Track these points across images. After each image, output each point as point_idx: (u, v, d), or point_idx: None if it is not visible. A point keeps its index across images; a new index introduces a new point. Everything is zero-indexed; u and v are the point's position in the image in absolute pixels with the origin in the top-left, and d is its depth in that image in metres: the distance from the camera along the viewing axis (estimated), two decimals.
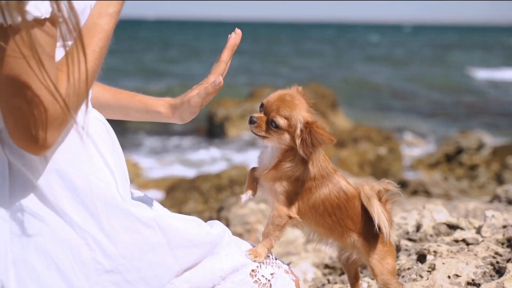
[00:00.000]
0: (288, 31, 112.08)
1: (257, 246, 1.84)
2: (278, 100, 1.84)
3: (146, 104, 1.89)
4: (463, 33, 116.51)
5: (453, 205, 4.33)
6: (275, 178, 1.86)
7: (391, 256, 1.99)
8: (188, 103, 1.81)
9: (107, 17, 1.48)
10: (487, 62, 43.39)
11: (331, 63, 40.41)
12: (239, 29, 1.84)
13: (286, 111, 1.81)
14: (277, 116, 1.80)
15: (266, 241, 1.87)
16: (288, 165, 1.84)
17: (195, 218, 1.74)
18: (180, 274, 1.61)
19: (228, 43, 1.82)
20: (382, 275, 1.98)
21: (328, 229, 1.95)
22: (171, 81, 28.31)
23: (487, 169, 11.44)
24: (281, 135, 1.81)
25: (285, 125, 1.80)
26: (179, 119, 1.85)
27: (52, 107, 1.33)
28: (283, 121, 1.80)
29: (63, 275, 1.46)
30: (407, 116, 21.66)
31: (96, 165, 1.54)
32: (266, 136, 1.84)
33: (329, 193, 1.88)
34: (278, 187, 1.86)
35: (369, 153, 11.81)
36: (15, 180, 1.46)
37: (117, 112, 1.88)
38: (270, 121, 1.81)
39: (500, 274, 2.34)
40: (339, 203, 1.89)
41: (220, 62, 1.80)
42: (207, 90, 1.77)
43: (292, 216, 1.87)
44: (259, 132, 1.84)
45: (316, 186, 1.87)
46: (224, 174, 9.08)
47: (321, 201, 1.88)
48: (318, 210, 1.89)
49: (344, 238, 1.97)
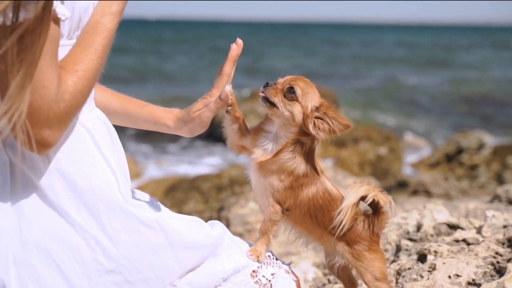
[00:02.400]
0: (288, 31, 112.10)
1: (255, 245, 1.84)
2: (296, 77, 1.86)
3: (154, 116, 1.90)
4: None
5: (453, 205, 4.33)
6: (272, 170, 1.84)
7: (380, 261, 1.96)
8: (200, 119, 1.82)
9: (110, 15, 1.48)
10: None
11: (330, 63, 40.36)
12: (240, 37, 1.84)
13: (303, 84, 1.82)
14: (295, 84, 1.81)
15: (265, 238, 1.87)
16: (287, 156, 1.83)
17: (196, 218, 1.74)
18: (183, 276, 1.61)
19: (229, 55, 1.82)
20: (372, 282, 1.95)
21: (306, 229, 1.94)
22: None
23: (488, 169, 11.43)
24: (293, 106, 1.80)
25: (300, 96, 1.80)
26: (189, 133, 1.87)
27: (55, 106, 1.33)
28: (300, 91, 1.80)
29: (64, 275, 1.46)
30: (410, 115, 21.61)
31: (98, 166, 1.55)
32: (277, 103, 1.81)
33: (316, 193, 1.87)
34: (275, 182, 1.84)
35: (370, 153, 11.80)
36: (16, 180, 1.47)
37: (125, 121, 1.89)
38: (287, 88, 1.81)
39: (501, 274, 2.34)
40: (322, 204, 1.88)
41: (222, 75, 1.82)
42: (217, 105, 1.80)
43: (286, 212, 1.87)
44: (272, 97, 1.81)
45: (307, 184, 1.86)
46: (224, 174, 9.07)
47: (307, 200, 1.87)
48: (302, 210, 1.88)
49: (324, 240, 1.96)
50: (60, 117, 1.35)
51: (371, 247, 1.94)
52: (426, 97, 26.31)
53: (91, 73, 1.42)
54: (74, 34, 1.49)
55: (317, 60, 42.89)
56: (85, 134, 1.55)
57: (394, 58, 45.71)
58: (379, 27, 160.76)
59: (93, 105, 1.65)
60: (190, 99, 1.91)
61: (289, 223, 1.95)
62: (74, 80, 1.38)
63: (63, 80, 1.36)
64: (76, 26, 1.48)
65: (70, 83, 1.37)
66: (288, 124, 1.82)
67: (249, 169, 1.92)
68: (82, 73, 1.40)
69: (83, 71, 1.40)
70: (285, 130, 1.83)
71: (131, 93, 1.96)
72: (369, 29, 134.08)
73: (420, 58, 46.28)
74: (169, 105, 1.96)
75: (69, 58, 1.42)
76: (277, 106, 1.81)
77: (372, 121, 19.11)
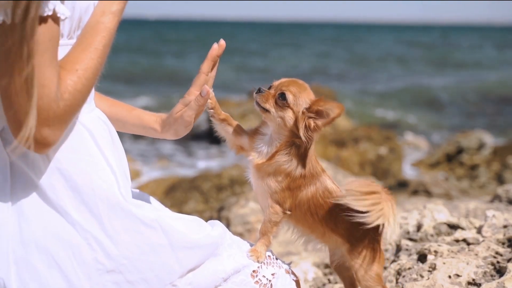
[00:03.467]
0: (288, 30, 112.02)
1: (256, 245, 1.85)
2: (289, 80, 1.87)
3: (142, 120, 1.91)
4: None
5: (453, 205, 4.32)
6: (269, 172, 1.85)
7: (378, 263, 1.95)
8: (182, 118, 1.82)
9: (110, 15, 1.49)
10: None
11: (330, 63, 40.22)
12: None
13: (295, 89, 1.83)
14: (287, 90, 1.82)
15: (265, 238, 1.88)
16: (283, 159, 1.83)
17: (196, 218, 1.74)
18: (184, 275, 1.62)
19: (209, 54, 1.82)
20: (365, 281, 1.95)
21: (308, 228, 1.94)
22: None
23: (488, 169, 11.42)
24: (285, 112, 1.81)
25: (292, 102, 1.81)
26: (174, 134, 1.87)
27: (55, 105, 1.33)
28: (291, 97, 1.81)
29: (64, 275, 1.46)
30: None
31: (99, 165, 1.55)
32: (269, 109, 1.83)
33: (315, 192, 1.88)
34: (272, 184, 1.85)
35: (370, 152, 11.80)
36: (17, 180, 1.47)
37: (114, 124, 1.90)
38: (278, 95, 1.82)
39: (501, 274, 2.34)
40: (322, 203, 1.88)
41: (200, 73, 1.82)
42: (198, 102, 1.79)
43: (287, 212, 1.88)
44: (263, 103, 1.83)
45: (305, 184, 1.86)
46: (224, 174, 9.06)
47: (306, 200, 1.88)
48: (302, 209, 1.89)
49: (326, 238, 1.96)
50: (60, 116, 1.35)
51: (372, 246, 1.94)
52: (450, 97, 25.51)
53: (91, 72, 1.42)
54: (75, 34, 1.50)
55: (316, 59, 42.66)
56: (86, 134, 1.55)
57: (410, 57, 44.67)
58: (378, 27, 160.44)
59: (93, 105, 1.65)
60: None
61: (291, 222, 1.96)
62: (73, 80, 1.38)
63: (63, 79, 1.37)
64: (77, 25, 1.49)
65: (70, 82, 1.37)
66: (280, 128, 1.84)
67: (248, 171, 1.93)
68: (82, 72, 1.40)
69: (83, 70, 1.40)
70: (278, 133, 1.85)
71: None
72: (368, 29, 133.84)
73: (433, 57, 45.28)
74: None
75: (69, 58, 1.42)
76: (269, 111, 1.83)
77: (400, 121, 18.85)
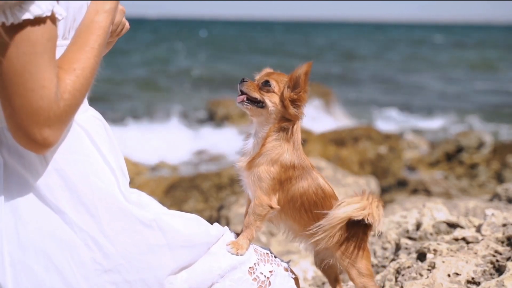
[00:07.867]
0: (288, 30, 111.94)
1: (238, 238, 1.82)
2: (268, 72, 1.96)
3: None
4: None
5: (453, 204, 4.32)
6: (258, 164, 1.84)
7: (365, 259, 1.99)
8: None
9: (104, 14, 1.49)
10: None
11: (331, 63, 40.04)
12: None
13: (276, 76, 1.90)
14: (269, 78, 1.90)
15: (248, 231, 1.85)
16: (272, 144, 1.85)
17: (196, 216, 1.74)
18: (177, 272, 1.61)
19: None
20: (359, 278, 1.98)
21: (304, 226, 1.93)
22: None
23: (487, 167, 11.42)
24: (272, 97, 1.87)
25: (276, 88, 1.88)
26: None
27: (55, 105, 1.33)
28: (274, 82, 1.88)
29: (62, 277, 1.46)
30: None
31: (96, 165, 1.54)
32: (258, 98, 1.87)
33: (307, 188, 1.88)
34: (261, 173, 1.84)
35: (370, 152, 11.80)
36: (11, 181, 1.46)
37: None
38: (262, 83, 1.89)
39: (500, 272, 2.34)
40: (316, 200, 1.89)
41: None
42: None
43: (274, 206, 1.86)
44: (250, 91, 1.88)
45: (296, 177, 1.86)
46: (224, 173, 9.06)
47: (299, 195, 1.88)
48: (295, 205, 1.89)
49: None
50: (60, 116, 1.35)
51: (359, 245, 1.95)
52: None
53: (88, 71, 1.42)
54: (69, 34, 1.49)
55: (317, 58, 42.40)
56: (82, 133, 1.55)
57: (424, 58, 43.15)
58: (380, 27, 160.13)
59: (87, 105, 1.65)
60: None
61: (287, 223, 1.95)
62: (72, 79, 1.38)
63: (62, 79, 1.36)
64: (71, 26, 1.49)
65: (69, 82, 1.37)
66: (269, 117, 1.88)
67: (241, 179, 1.92)
68: (80, 71, 1.40)
69: (81, 69, 1.40)
70: (264, 124, 1.89)
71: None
72: (367, 28, 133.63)
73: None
74: None
75: (65, 57, 1.42)
76: (258, 101, 1.88)
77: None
